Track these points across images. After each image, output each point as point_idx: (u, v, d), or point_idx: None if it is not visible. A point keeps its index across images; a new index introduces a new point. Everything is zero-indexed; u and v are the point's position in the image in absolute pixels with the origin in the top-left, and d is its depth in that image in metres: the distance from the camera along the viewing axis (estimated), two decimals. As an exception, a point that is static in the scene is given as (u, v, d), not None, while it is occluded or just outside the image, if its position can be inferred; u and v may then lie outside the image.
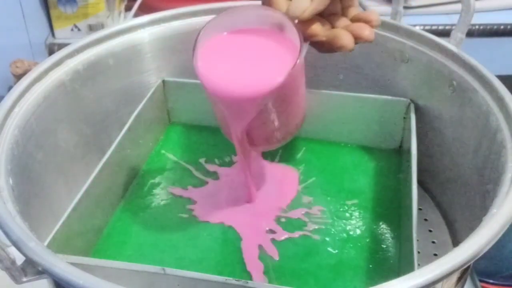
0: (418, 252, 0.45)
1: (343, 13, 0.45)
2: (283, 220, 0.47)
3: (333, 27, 0.44)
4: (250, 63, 0.40)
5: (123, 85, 0.54)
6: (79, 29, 0.89)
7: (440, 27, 0.89)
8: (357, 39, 0.42)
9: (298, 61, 0.38)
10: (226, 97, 0.39)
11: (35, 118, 0.45)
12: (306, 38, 0.41)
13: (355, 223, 0.46)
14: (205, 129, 0.51)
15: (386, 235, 0.45)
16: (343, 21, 0.44)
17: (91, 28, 0.89)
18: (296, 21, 0.40)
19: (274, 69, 0.39)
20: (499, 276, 0.87)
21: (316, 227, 0.46)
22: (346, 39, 0.41)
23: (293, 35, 0.39)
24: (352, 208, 0.48)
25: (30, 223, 0.36)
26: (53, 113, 0.47)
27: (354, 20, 0.44)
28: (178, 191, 0.50)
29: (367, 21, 0.43)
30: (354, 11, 0.44)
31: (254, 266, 0.43)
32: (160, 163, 0.54)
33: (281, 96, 0.39)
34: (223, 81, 0.39)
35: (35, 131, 0.45)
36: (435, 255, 0.47)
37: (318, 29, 0.41)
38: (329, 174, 0.51)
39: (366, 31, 0.42)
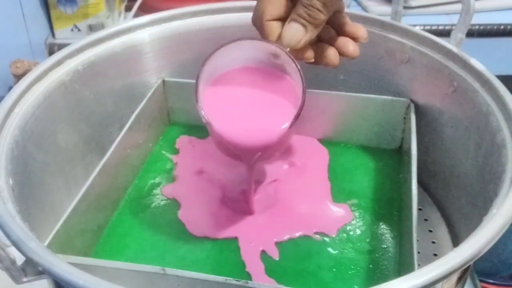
0: (418, 252, 0.45)
1: (330, 20, 0.45)
2: (283, 220, 0.47)
3: (318, 37, 0.43)
4: (257, 110, 0.41)
5: (123, 85, 0.54)
6: (79, 29, 0.89)
7: (440, 27, 0.89)
8: (342, 55, 0.42)
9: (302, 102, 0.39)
10: (238, 145, 0.41)
11: (35, 118, 0.45)
12: (296, 59, 0.41)
13: (355, 223, 0.46)
14: (205, 129, 0.51)
15: (386, 235, 0.45)
16: (329, 32, 0.43)
17: (91, 28, 0.89)
18: (288, 49, 0.40)
19: (282, 115, 0.40)
20: (499, 276, 0.87)
21: (316, 227, 0.46)
22: (331, 57, 0.42)
23: (294, 72, 0.40)
24: (352, 208, 0.48)
25: (30, 223, 0.36)
26: (53, 113, 0.47)
27: (341, 31, 0.43)
28: (168, 191, 0.50)
29: (353, 37, 0.43)
30: (341, 17, 0.44)
31: (254, 266, 0.43)
32: (160, 163, 0.54)
33: None
34: (234, 132, 0.40)
35: (35, 131, 0.45)
36: (435, 255, 0.47)
37: (309, 55, 0.42)
38: (329, 174, 0.51)
39: (351, 47, 0.42)
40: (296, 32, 0.39)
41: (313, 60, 0.43)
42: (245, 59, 0.42)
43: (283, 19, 0.40)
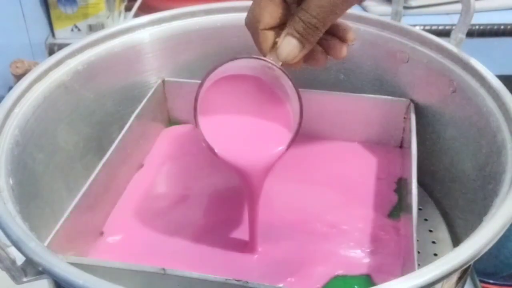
0: (418, 252, 0.45)
1: None
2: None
3: None
4: (254, 130, 0.41)
5: (123, 85, 0.54)
6: (79, 29, 0.89)
7: (440, 27, 0.89)
8: (328, 54, 0.42)
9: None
10: (245, 169, 0.40)
11: (35, 118, 0.45)
12: (285, 67, 0.40)
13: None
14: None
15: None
16: None
17: (91, 28, 0.89)
18: (281, 63, 0.39)
19: (279, 135, 0.40)
20: (499, 276, 0.87)
21: (316, 227, 0.46)
22: (319, 57, 0.41)
23: (290, 88, 0.40)
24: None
25: (30, 223, 0.36)
26: (53, 113, 0.47)
27: (329, 30, 0.41)
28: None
29: (342, 39, 0.42)
30: None
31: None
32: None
33: None
34: (238, 156, 0.40)
35: (35, 131, 0.45)
36: (435, 255, 0.47)
37: (299, 65, 0.41)
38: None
39: (338, 48, 0.41)
40: (294, 49, 0.38)
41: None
42: (240, 68, 0.41)
43: (277, 27, 0.40)
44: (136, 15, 0.94)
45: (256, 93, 0.42)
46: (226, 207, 0.48)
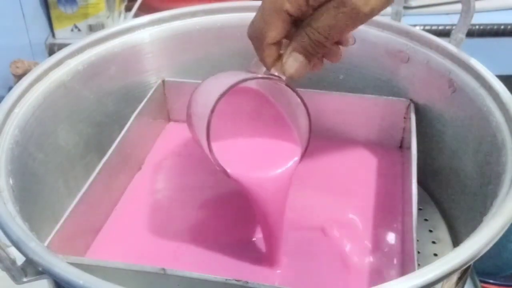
0: (418, 252, 0.45)
1: None
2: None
3: None
4: (264, 149, 0.41)
5: (123, 85, 0.54)
6: (79, 29, 0.89)
7: (440, 27, 0.89)
8: (325, 59, 0.41)
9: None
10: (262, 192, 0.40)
11: (35, 118, 0.45)
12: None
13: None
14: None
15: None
16: None
17: (91, 28, 0.89)
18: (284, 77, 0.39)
19: (289, 147, 0.41)
20: (499, 276, 0.87)
21: (316, 227, 0.46)
22: (316, 65, 0.41)
23: (296, 104, 0.40)
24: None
25: (30, 223, 0.36)
26: (53, 113, 0.47)
27: None
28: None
29: (339, 43, 0.41)
30: None
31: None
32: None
33: None
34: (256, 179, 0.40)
35: (35, 132, 0.45)
36: (435, 255, 0.47)
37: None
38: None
39: (334, 52, 0.41)
40: (301, 65, 0.38)
41: None
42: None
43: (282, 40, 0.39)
44: (136, 15, 0.94)
45: (260, 110, 0.42)
46: (228, 207, 0.48)
